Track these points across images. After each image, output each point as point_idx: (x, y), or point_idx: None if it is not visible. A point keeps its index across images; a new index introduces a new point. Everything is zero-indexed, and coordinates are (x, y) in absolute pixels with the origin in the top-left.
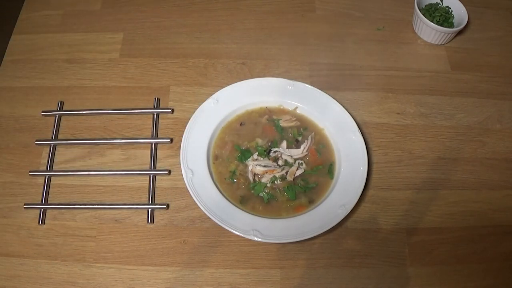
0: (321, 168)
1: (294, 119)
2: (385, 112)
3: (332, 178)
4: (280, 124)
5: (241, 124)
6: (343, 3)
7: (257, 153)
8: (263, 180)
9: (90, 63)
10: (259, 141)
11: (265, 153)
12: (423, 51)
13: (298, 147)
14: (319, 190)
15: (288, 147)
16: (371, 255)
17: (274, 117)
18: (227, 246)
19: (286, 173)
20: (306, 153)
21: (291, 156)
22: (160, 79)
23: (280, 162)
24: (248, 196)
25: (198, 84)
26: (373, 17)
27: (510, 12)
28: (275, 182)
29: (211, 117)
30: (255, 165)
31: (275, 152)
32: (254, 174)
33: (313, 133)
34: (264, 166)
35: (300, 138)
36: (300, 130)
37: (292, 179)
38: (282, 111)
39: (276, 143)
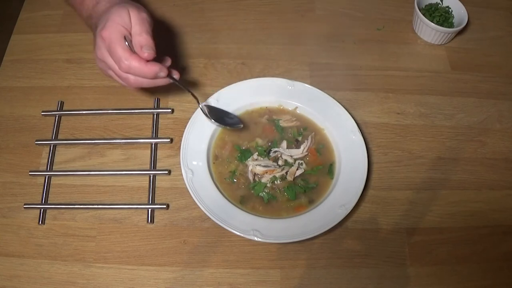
0: (321, 168)
1: (294, 119)
2: (385, 112)
3: (332, 178)
4: (280, 124)
5: None
6: (343, 3)
7: (257, 153)
8: (263, 180)
9: (90, 63)
10: (259, 141)
11: (265, 153)
12: (423, 51)
13: (298, 147)
14: (319, 190)
15: (288, 147)
16: (371, 255)
17: (274, 117)
18: (227, 246)
19: (286, 173)
20: (306, 153)
21: (291, 156)
22: None
23: (280, 162)
24: (248, 196)
25: (198, 84)
26: (373, 17)
27: (510, 12)
28: (275, 182)
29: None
30: (255, 165)
31: (275, 152)
32: (254, 174)
33: (313, 133)
34: (264, 166)
35: (300, 138)
36: (300, 130)
37: (292, 179)
38: (282, 111)
39: (276, 143)
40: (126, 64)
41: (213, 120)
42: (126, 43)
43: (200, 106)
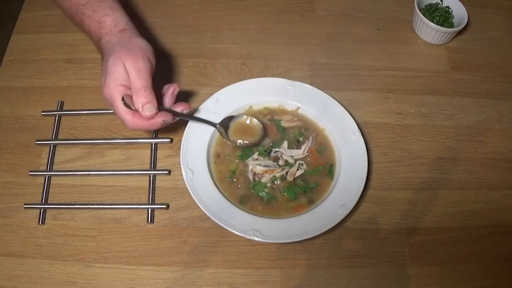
0: (321, 169)
1: (295, 119)
2: (385, 112)
3: (332, 179)
4: (282, 125)
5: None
6: (343, 3)
7: (257, 152)
8: (263, 180)
9: (90, 63)
10: (265, 140)
11: (266, 153)
12: (423, 51)
13: (299, 147)
14: (319, 190)
15: (289, 147)
16: (371, 255)
17: (276, 117)
18: (227, 246)
19: (286, 173)
20: (307, 153)
21: (291, 156)
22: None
23: (280, 162)
24: (248, 196)
25: (198, 84)
26: (373, 17)
27: (510, 12)
28: (275, 182)
29: (211, 117)
30: (255, 165)
31: (275, 152)
32: (254, 174)
33: (314, 133)
34: (264, 166)
35: (301, 139)
36: (302, 131)
37: (292, 180)
38: (284, 111)
39: (277, 143)
40: (130, 124)
41: (230, 140)
42: (124, 102)
43: (218, 127)
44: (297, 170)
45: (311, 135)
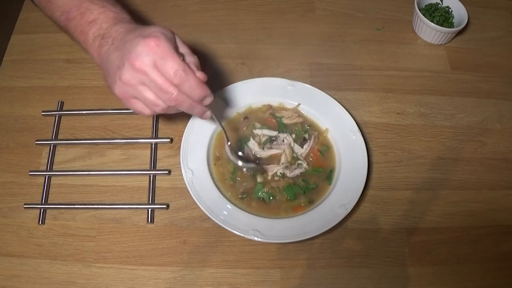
0: (321, 171)
1: (296, 115)
2: (385, 112)
3: (330, 184)
4: (284, 122)
5: (244, 118)
6: (343, 3)
7: (260, 126)
8: (270, 171)
9: (90, 63)
10: (257, 125)
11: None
12: (423, 51)
13: (302, 146)
14: (319, 191)
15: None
16: (371, 255)
17: (277, 114)
18: (227, 246)
19: (287, 168)
20: (309, 152)
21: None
22: None
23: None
24: (248, 196)
25: None
26: (373, 17)
27: (510, 12)
28: (277, 173)
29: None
30: (262, 133)
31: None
32: (255, 154)
33: (317, 132)
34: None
35: (306, 136)
36: (305, 127)
37: (289, 175)
38: (284, 108)
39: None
40: (183, 75)
41: (240, 163)
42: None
43: (229, 144)
44: (295, 169)
45: (314, 134)
